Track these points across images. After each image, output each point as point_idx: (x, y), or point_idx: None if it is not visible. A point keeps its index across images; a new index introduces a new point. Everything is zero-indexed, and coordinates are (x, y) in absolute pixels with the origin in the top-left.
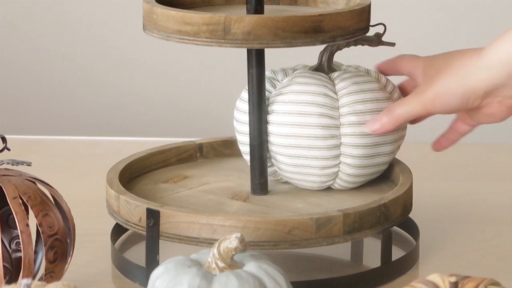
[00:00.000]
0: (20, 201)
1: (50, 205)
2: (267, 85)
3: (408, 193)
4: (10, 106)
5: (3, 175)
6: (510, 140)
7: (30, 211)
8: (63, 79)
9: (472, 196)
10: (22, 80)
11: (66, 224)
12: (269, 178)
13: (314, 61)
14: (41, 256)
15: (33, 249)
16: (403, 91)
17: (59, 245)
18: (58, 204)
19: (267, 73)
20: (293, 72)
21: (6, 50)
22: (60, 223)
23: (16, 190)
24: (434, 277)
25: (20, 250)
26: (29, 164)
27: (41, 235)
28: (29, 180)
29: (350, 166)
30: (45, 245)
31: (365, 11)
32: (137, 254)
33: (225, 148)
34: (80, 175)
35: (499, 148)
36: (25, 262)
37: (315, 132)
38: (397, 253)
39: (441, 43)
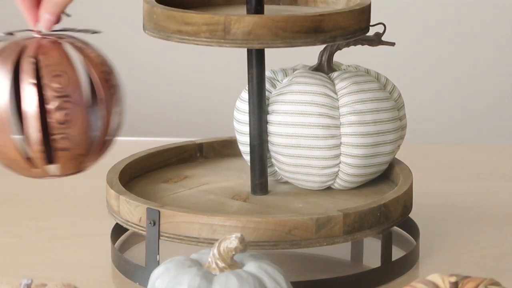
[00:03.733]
0: (33, 60)
1: (68, 68)
2: (267, 85)
3: (408, 193)
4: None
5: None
6: (510, 140)
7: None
8: None
9: (472, 196)
10: None
11: (92, 94)
12: (269, 178)
13: (314, 61)
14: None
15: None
16: None
17: (73, 109)
18: (91, 74)
19: (267, 73)
20: (293, 72)
21: None
22: (78, 89)
23: (33, 50)
24: (434, 277)
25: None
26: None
27: (44, 92)
28: (58, 43)
29: (350, 166)
30: (47, 104)
31: (365, 11)
32: (137, 254)
33: (225, 148)
34: (80, 175)
35: (499, 148)
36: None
37: (315, 132)
38: (397, 253)
39: (441, 43)
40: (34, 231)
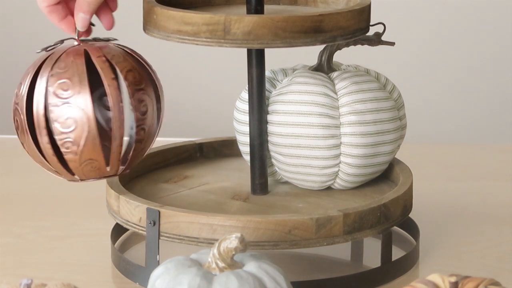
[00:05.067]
0: (104, 58)
1: (133, 62)
2: (267, 85)
3: (408, 193)
4: (11, 106)
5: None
6: (510, 140)
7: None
8: None
9: (472, 196)
10: None
11: (155, 89)
12: (269, 178)
13: (314, 61)
14: (129, 112)
15: (122, 102)
16: None
17: (148, 100)
18: (147, 72)
19: (267, 73)
20: (293, 72)
21: (6, 50)
22: (146, 80)
23: (100, 50)
24: (434, 277)
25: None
26: (115, 39)
27: (128, 88)
28: (117, 46)
29: (350, 165)
30: (132, 98)
31: (365, 11)
32: (137, 254)
33: (225, 148)
34: None
35: (499, 148)
36: (115, 115)
37: (315, 132)
38: (397, 253)
39: (441, 42)
40: (34, 231)
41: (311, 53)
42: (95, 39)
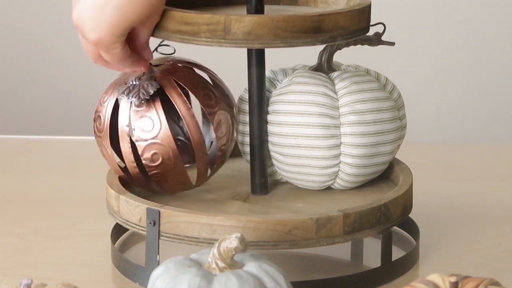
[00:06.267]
0: (175, 84)
1: (207, 85)
2: (267, 85)
3: (408, 193)
4: (10, 106)
5: (157, 64)
6: (510, 140)
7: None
8: (63, 79)
9: (472, 196)
10: (22, 80)
11: (227, 101)
12: (269, 178)
13: (314, 61)
14: (208, 138)
15: (200, 129)
16: None
17: (225, 119)
18: (216, 85)
19: (267, 73)
20: (293, 72)
21: (5, 50)
22: (221, 101)
23: (172, 79)
24: (434, 277)
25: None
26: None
27: (205, 112)
28: (185, 66)
29: (350, 165)
30: (212, 122)
31: (365, 11)
32: (137, 254)
33: None
34: (80, 175)
35: (499, 148)
36: (195, 143)
37: (315, 132)
38: (397, 253)
39: (441, 42)
40: (34, 231)
41: (311, 53)
42: (161, 59)
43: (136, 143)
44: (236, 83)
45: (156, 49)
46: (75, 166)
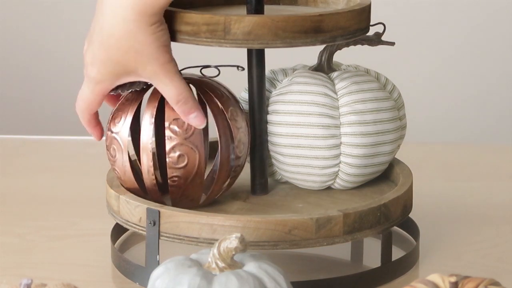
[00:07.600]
0: (216, 100)
1: (235, 102)
2: (267, 85)
3: (408, 193)
4: (10, 106)
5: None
6: (510, 140)
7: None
8: (63, 79)
9: (472, 196)
10: (22, 80)
11: (247, 119)
12: (269, 178)
13: (314, 61)
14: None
15: (229, 147)
16: None
17: (244, 140)
18: (237, 101)
19: (267, 73)
20: (293, 72)
21: (5, 50)
22: (241, 115)
23: (211, 95)
24: (434, 277)
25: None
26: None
27: (231, 128)
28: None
29: (350, 165)
30: (234, 139)
31: (365, 11)
32: (137, 254)
33: None
34: (80, 175)
35: (499, 148)
36: (222, 161)
37: (315, 132)
38: (397, 253)
39: (441, 42)
40: (34, 231)
41: (311, 53)
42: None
43: (166, 140)
44: (236, 83)
45: (200, 71)
46: (75, 166)
